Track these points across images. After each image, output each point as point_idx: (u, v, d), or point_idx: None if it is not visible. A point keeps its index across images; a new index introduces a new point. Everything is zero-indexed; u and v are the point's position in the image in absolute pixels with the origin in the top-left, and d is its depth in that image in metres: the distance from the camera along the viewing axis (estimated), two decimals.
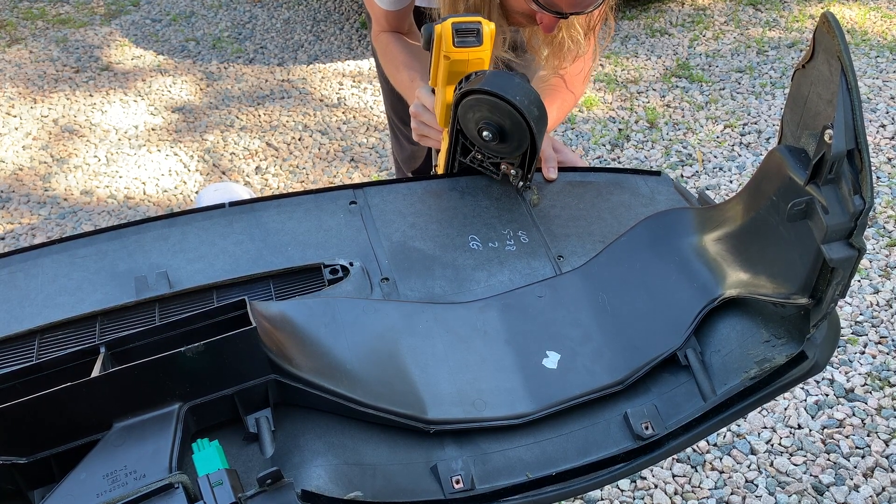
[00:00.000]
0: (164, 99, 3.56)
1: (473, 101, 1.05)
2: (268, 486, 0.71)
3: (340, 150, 3.20)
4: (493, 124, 1.06)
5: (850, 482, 1.89)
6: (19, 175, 3.10)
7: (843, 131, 0.77)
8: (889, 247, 2.57)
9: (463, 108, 1.08)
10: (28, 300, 1.00)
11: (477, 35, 1.08)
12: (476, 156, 1.16)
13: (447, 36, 1.08)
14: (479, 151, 1.15)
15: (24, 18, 4.29)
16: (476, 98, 1.05)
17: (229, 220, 1.11)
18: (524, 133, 1.05)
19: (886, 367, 2.17)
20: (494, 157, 1.15)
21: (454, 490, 0.88)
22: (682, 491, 1.90)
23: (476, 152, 1.15)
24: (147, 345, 0.82)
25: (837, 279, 0.83)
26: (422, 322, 0.99)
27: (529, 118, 1.03)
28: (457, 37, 1.07)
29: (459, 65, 1.09)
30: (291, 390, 0.86)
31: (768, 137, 3.14)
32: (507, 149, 1.10)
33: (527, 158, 1.11)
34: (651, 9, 4.16)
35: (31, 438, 0.77)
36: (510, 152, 1.11)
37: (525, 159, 1.12)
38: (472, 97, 1.05)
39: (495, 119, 1.06)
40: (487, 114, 1.06)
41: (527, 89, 1.03)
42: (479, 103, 1.05)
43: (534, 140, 1.06)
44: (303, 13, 4.31)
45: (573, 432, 0.95)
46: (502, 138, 1.08)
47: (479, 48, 1.08)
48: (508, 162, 1.14)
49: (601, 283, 1.04)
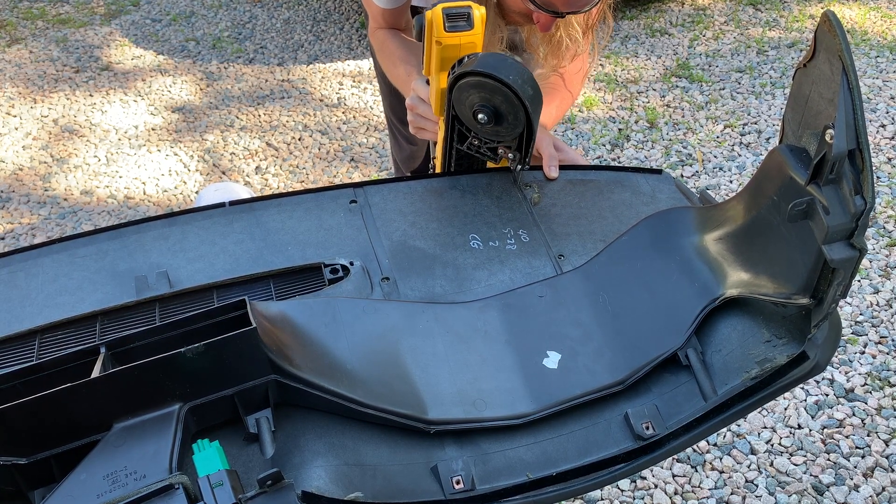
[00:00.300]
0: (164, 99, 3.55)
1: (467, 84, 1.05)
2: (268, 486, 0.71)
3: (340, 150, 3.20)
4: (489, 106, 1.05)
5: (850, 482, 1.89)
6: (19, 175, 3.10)
7: (844, 131, 0.77)
8: (889, 247, 2.57)
9: (457, 91, 1.07)
10: (28, 300, 1.00)
11: (468, 19, 1.08)
12: (473, 142, 1.15)
13: (438, 21, 1.08)
14: (475, 137, 1.15)
15: (24, 18, 4.29)
16: (469, 80, 1.04)
17: (229, 220, 1.11)
18: (519, 113, 1.05)
19: (886, 367, 2.16)
20: (491, 141, 1.14)
21: (454, 490, 0.88)
22: (682, 491, 1.89)
23: (473, 138, 1.15)
24: (147, 345, 0.82)
25: (838, 279, 0.83)
26: (422, 322, 0.99)
27: (524, 97, 1.02)
28: (447, 21, 1.07)
29: (452, 49, 1.09)
30: (291, 390, 0.85)
31: (768, 137, 3.13)
32: (503, 131, 1.09)
33: (524, 141, 1.11)
34: (651, 9, 4.16)
35: (32, 439, 0.77)
36: (506, 135, 1.10)
37: (522, 142, 1.11)
38: (466, 80, 1.04)
39: (490, 100, 1.05)
40: (482, 95, 1.05)
41: (520, 69, 1.02)
42: (472, 86, 1.04)
43: (529, 120, 1.05)
44: (303, 13, 4.31)
45: (574, 432, 0.94)
46: (497, 120, 1.07)
47: (470, 32, 1.08)
48: (505, 145, 1.14)
49: (602, 282, 1.04)
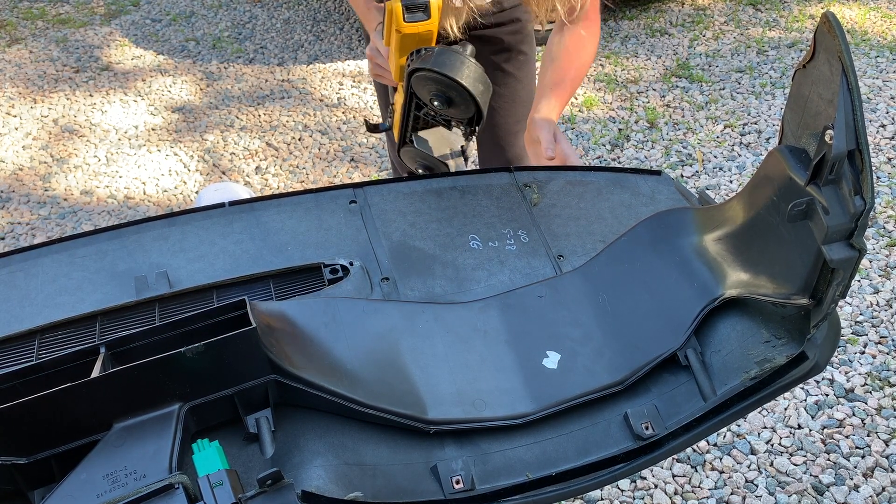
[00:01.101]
0: (164, 99, 3.55)
1: (424, 77, 1.15)
2: (268, 486, 0.71)
3: (340, 150, 3.20)
4: (443, 95, 1.17)
5: (850, 482, 1.89)
6: (19, 175, 3.10)
7: (843, 131, 0.77)
8: (889, 247, 2.57)
9: (415, 80, 1.17)
10: (28, 300, 1.00)
11: (425, 10, 1.15)
12: (429, 112, 1.25)
13: (398, 12, 1.15)
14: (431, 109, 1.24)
15: (24, 18, 4.29)
16: (426, 75, 1.14)
17: (229, 220, 1.11)
18: (469, 105, 1.17)
19: (886, 367, 2.17)
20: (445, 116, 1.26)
21: (454, 490, 0.88)
22: (682, 491, 1.90)
23: (429, 109, 1.24)
24: (147, 345, 0.82)
25: (838, 280, 0.83)
26: (422, 322, 0.99)
27: (475, 93, 1.14)
28: (406, 13, 1.15)
29: (410, 38, 1.18)
30: (291, 390, 0.85)
31: (768, 137, 3.14)
32: (456, 112, 1.22)
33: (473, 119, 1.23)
34: (651, 9, 4.16)
35: (32, 438, 0.77)
36: (458, 115, 1.23)
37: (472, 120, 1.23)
38: (423, 73, 1.14)
39: (444, 92, 1.16)
40: (438, 87, 1.16)
41: (472, 68, 1.13)
42: (428, 79, 1.15)
43: (479, 108, 1.17)
44: (303, 13, 4.31)
45: (573, 432, 0.95)
46: (451, 105, 1.19)
47: (427, 21, 1.16)
48: (458, 120, 1.25)
49: (601, 282, 1.04)
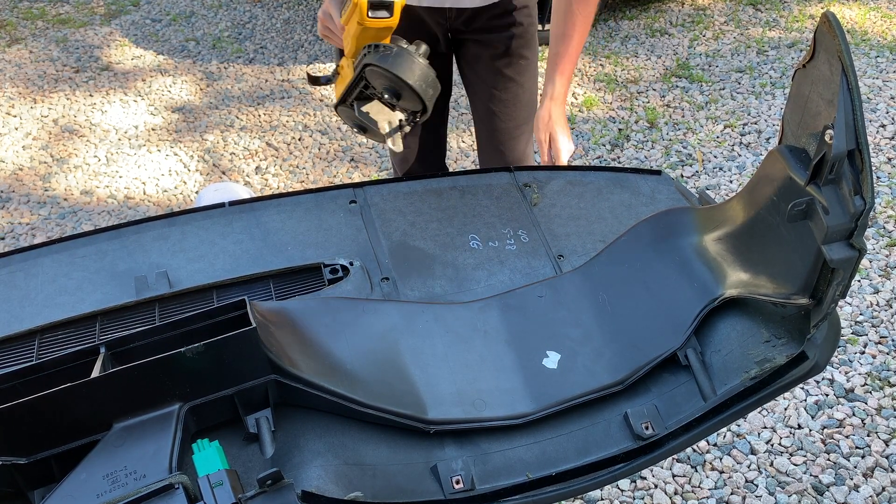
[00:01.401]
0: (164, 99, 3.55)
1: (379, 72, 1.20)
2: (268, 486, 0.71)
3: (340, 150, 3.20)
4: (393, 90, 1.22)
5: (850, 482, 1.89)
6: (19, 175, 3.10)
7: (843, 131, 0.77)
8: (889, 247, 2.57)
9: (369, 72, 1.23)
10: (28, 300, 1.00)
11: (388, 9, 1.19)
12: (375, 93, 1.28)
13: (362, 7, 1.18)
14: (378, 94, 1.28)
15: (24, 18, 4.29)
16: (380, 72, 1.19)
17: (229, 220, 1.11)
18: (417, 102, 1.23)
19: (886, 367, 2.16)
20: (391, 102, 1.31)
21: (454, 490, 0.88)
22: (682, 491, 1.90)
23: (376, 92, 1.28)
24: (147, 345, 0.82)
25: (838, 279, 0.83)
26: (422, 322, 0.99)
27: (424, 97, 1.21)
28: (371, 10, 1.19)
29: (370, 31, 1.23)
30: (291, 390, 0.85)
31: (768, 137, 3.13)
32: (404, 104, 1.27)
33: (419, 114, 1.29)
34: (651, 9, 4.16)
35: (32, 438, 0.77)
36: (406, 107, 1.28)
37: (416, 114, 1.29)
38: (377, 69, 1.19)
39: (395, 88, 1.22)
40: (390, 83, 1.22)
41: (424, 73, 1.20)
42: (383, 74, 1.20)
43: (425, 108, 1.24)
44: (303, 13, 4.31)
45: (573, 432, 0.94)
46: (400, 98, 1.25)
47: (389, 19, 1.21)
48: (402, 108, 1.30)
49: (601, 282, 1.04)
